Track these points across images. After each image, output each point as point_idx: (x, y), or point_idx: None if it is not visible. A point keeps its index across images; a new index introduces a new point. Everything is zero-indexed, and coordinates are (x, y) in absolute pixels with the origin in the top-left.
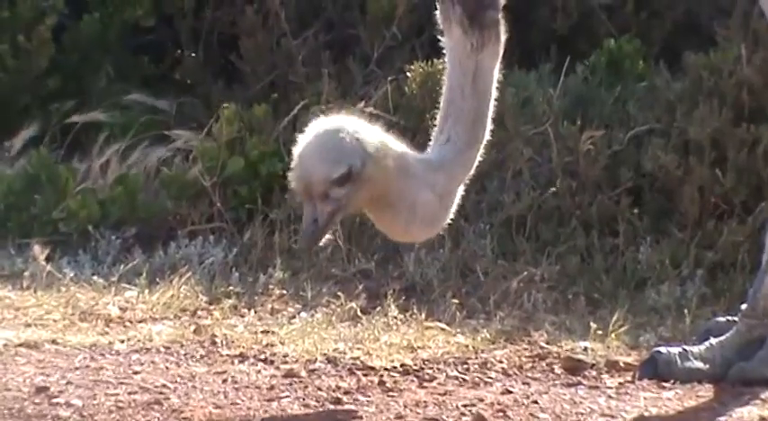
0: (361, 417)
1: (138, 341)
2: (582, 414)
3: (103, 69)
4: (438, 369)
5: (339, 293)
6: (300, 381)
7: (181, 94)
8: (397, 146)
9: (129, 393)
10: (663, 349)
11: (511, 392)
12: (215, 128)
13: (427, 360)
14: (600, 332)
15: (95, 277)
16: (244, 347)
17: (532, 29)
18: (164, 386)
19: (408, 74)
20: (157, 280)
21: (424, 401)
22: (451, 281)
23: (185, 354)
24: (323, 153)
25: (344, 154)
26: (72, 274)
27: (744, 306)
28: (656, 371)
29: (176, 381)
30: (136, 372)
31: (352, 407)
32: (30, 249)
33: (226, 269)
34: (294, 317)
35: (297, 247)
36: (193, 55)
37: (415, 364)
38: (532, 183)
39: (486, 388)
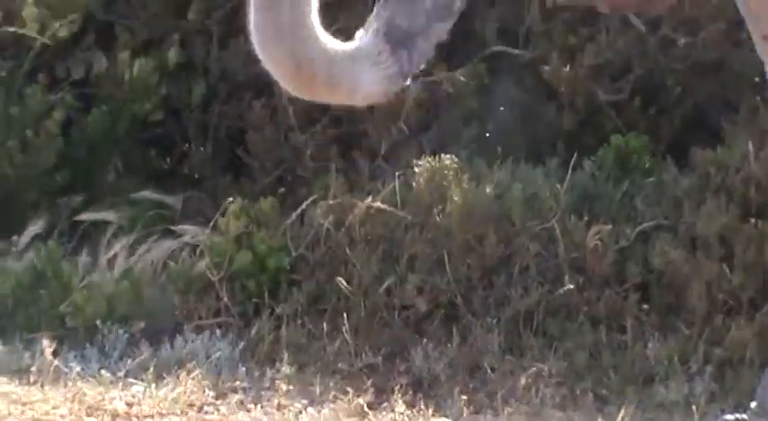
0: None
1: None
2: None
3: (112, 163)
4: None
5: (347, 388)
6: None
7: (188, 187)
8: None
9: None
10: None
11: None
12: (222, 222)
13: None
14: None
15: (102, 372)
16: None
17: (539, 124)
18: None
19: (415, 169)
20: (164, 374)
21: None
22: (459, 376)
23: None
24: None
25: None
26: (79, 369)
27: (753, 404)
28: None
29: None
30: None
31: None
32: (36, 344)
33: (232, 364)
34: (301, 412)
35: None
36: (201, 149)
37: None
38: (540, 278)
39: None
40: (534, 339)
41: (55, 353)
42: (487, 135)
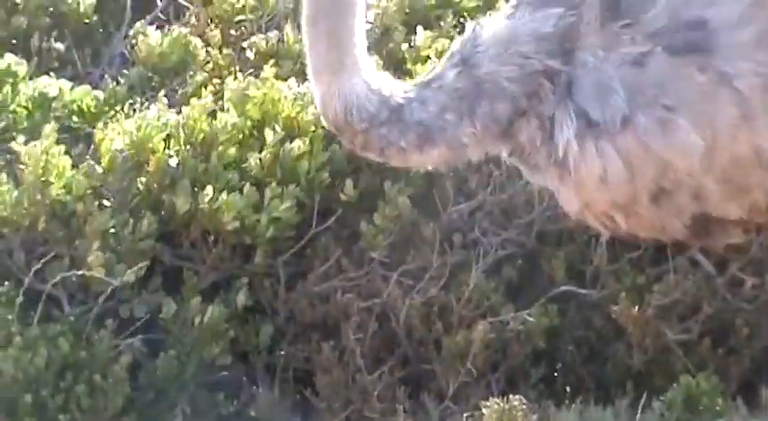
0: None
1: None
2: None
3: (179, 407)
4: None
5: None
6: None
7: None
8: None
9: None
10: None
11: None
12: None
13: None
14: None
15: None
16: None
17: (608, 364)
18: None
19: (484, 410)
20: None
21: None
22: None
23: None
24: None
25: None
26: None
27: None
28: None
29: None
30: None
31: None
32: None
33: None
34: None
35: None
36: (269, 391)
37: None
38: None
39: None
40: None
41: None
42: (555, 375)
